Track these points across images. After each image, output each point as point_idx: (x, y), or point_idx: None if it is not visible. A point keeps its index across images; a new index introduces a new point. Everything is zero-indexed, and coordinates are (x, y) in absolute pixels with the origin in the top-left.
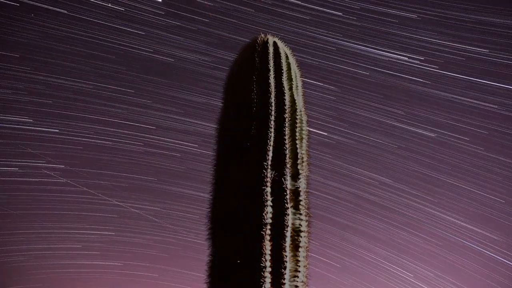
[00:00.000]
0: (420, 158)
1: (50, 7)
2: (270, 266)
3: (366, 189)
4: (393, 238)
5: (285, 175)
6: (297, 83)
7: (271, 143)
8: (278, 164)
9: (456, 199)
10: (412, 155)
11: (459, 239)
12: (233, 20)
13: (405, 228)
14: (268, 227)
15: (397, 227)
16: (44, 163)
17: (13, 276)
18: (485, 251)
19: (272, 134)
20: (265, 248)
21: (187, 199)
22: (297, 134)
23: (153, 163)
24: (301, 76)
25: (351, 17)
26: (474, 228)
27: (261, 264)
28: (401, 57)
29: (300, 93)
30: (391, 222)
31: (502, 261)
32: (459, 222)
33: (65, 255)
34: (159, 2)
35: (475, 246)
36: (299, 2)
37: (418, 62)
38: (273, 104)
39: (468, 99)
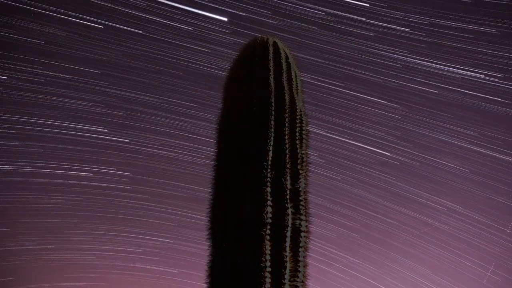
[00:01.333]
0: (495, 184)
1: (128, 28)
2: (270, 266)
3: (432, 214)
4: (461, 271)
5: (285, 175)
6: (297, 83)
7: (271, 143)
8: (278, 164)
9: None
10: (486, 180)
11: None
12: (296, 38)
13: (476, 261)
14: (268, 227)
15: (467, 259)
16: (114, 170)
17: (83, 272)
18: None
19: (272, 134)
20: (265, 248)
21: None
22: (297, 134)
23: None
24: (301, 75)
25: (419, 33)
26: None
27: (261, 264)
28: (477, 74)
29: (300, 93)
30: (459, 253)
31: None
32: None
33: (127, 258)
34: (225, 21)
35: None
36: (364, 19)
37: (496, 80)
38: (273, 104)
39: None
